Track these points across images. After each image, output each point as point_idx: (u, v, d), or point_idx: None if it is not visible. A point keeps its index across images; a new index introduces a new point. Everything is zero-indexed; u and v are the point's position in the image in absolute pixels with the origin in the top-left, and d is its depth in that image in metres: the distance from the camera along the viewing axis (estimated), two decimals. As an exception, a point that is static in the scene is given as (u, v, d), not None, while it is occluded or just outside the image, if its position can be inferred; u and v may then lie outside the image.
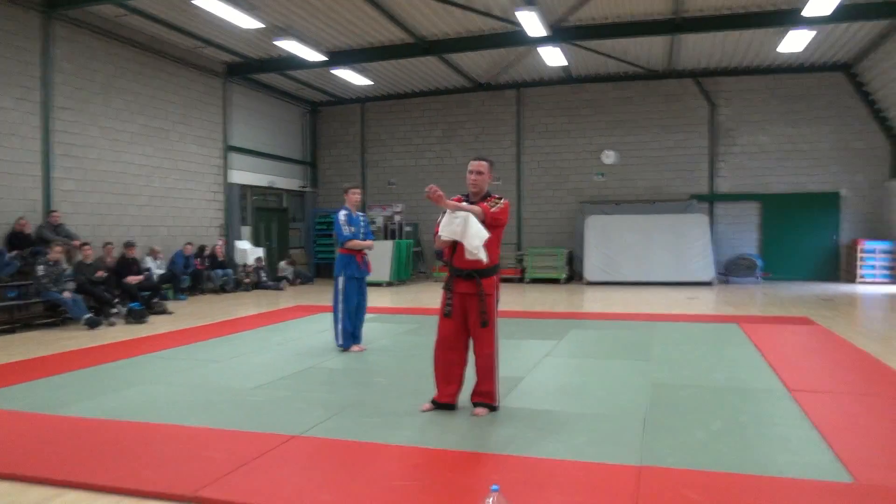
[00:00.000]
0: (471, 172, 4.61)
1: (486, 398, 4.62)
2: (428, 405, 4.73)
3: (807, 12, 11.17)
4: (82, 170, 12.10)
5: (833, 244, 16.39)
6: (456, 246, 4.53)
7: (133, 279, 10.89)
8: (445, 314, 4.62)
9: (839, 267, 16.35)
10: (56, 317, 9.61)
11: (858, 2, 11.65)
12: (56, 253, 9.65)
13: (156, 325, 9.41)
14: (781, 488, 3.27)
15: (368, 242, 7.22)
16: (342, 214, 7.07)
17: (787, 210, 16.51)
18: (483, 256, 4.29)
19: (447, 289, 4.65)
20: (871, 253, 15.31)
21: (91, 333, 8.75)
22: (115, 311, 10.04)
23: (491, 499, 2.74)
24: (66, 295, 9.37)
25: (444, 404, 4.68)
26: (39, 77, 11.26)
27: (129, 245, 11.39)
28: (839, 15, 11.67)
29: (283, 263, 16.89)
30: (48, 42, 11.37)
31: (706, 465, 3.59)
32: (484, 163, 4.62)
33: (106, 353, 7.12)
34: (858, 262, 15.37)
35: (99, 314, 9.58)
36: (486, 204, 4.51)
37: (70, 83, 11.85)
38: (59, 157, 11.65)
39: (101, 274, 10.23)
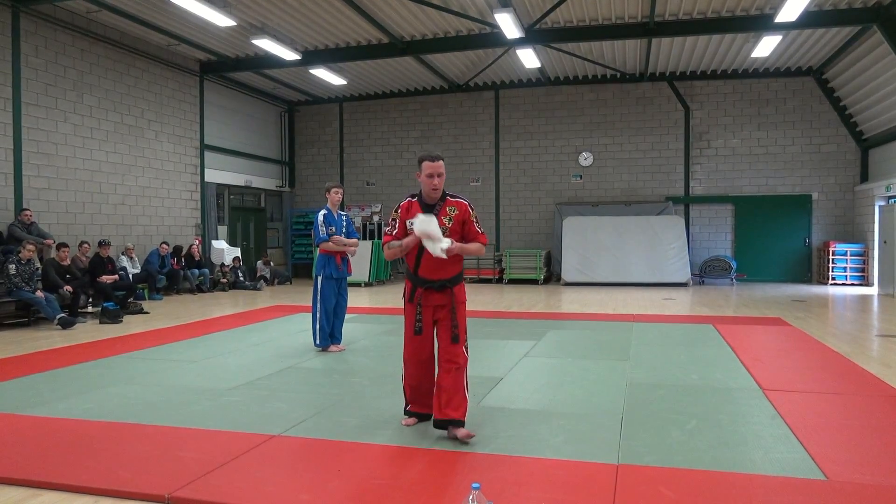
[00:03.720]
0: (431, 176, 4.03)
1: (461, 416, 4.05)
2: (412, 419, 4.37)
3: (779, 18, 11.40)
4: (54, 167, 11.92)
5: (805, 246, 16.68)
6: (421, 256, 4.10)
7: (107, 278, 10.75)
8: (416, 332, 4.14)
9: (811, 269, 16.65)
10: (28, 316, 9.45)
11: (825, 8, 11.89)
12: (28, 252, 9.48)
13: (131, 325, 9.29)
14: (756, 486, 3.31)
15: (354, 241, 7.16)
16: (321, 215, 7.02)
17: (759, 212, 16.80)
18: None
19: (414, 302, 4.17)
20: (842, 255, 15.61)
21: (64, 333, 8.61)
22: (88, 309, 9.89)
23: (471, 496, 2.75)
24: (39, 294, 9.21)
25: (424, 414, 4.33)
26: (9, 73, 11.07)
27: (103, 244, 11.23)
28: (808, 21, 11.92)
29: (259, 263, 16.77)
30: (17, 37, 11.17)
31: (682, 463, 3.62)
32: (442, 162, 4.10)
33: (80, 353, 7.02)
34: (829, 265, 15.66)
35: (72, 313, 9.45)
36: (480, 234, 4.21)
37: (40, 79, 11.66)
38: (30, 155, 11.46)
39: (67, 289, 9.91)
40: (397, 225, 4.19)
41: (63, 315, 9.14)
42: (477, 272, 17.42)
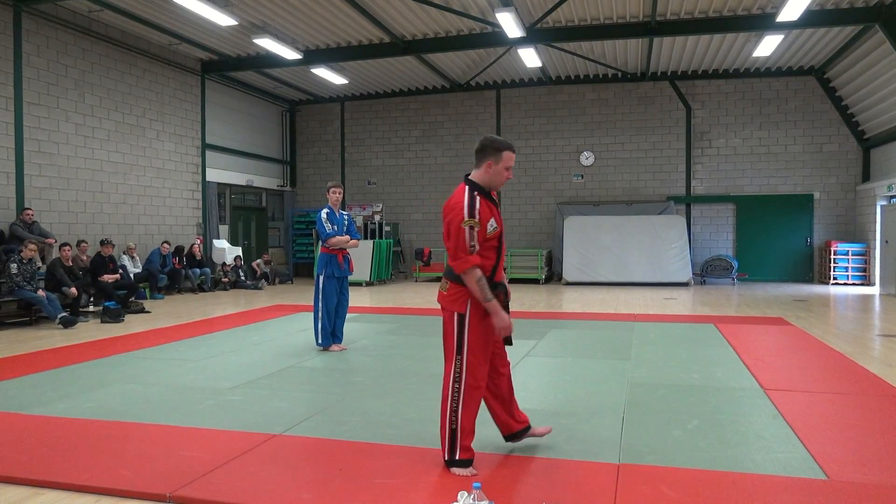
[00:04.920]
0: (509, 169, 3.54)
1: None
2: (473, 471, 3.46)
3: (781, 18, 11.39)
4: (55, 167, 11.92)
5: (806, 246, 16.66)
6: (500, 257, 3.57)
7: (109, 278, 10.75)
8: (510, 343, 3.63)
9: (812, 268, 16.63)
10: (30, 315, 9.45)
11: (827, 7, 11.87)
12: (30, 251, 9.48)
13: (132, 324, 9.29)
14: (757, 485, 3.30)
15: (354, 242, 7.18)
16: (324, 213, 7.03)
17: (761, 212, 16.78)
18: None
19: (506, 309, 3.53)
20: (844, 255, 15.58)
21: (66, 332, 8.61)
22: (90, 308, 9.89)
23: (472, 496, 2.74)
24: (41, 293, 9.21)
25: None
26: (10, 72, 11.07)
27: (104, 243, 11.21)
28: (809, 20, 11.90)
29: (259, 261, 16.64)
30: (19, 37, 11.18)
31: (683, 462, 3.62)
32: None
33: (81, 353, 7.02)
34: (831, 264, 15.63)
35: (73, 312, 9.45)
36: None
37: (42, 79, 11.67)
38: (32, 154, 11.46)
39: (73, 291, 9.88)
40: (476, 235, 3.39)
41: (65, 314, 9.15)
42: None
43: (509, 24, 11.85)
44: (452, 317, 3.47)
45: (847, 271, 15.58)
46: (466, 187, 3.48)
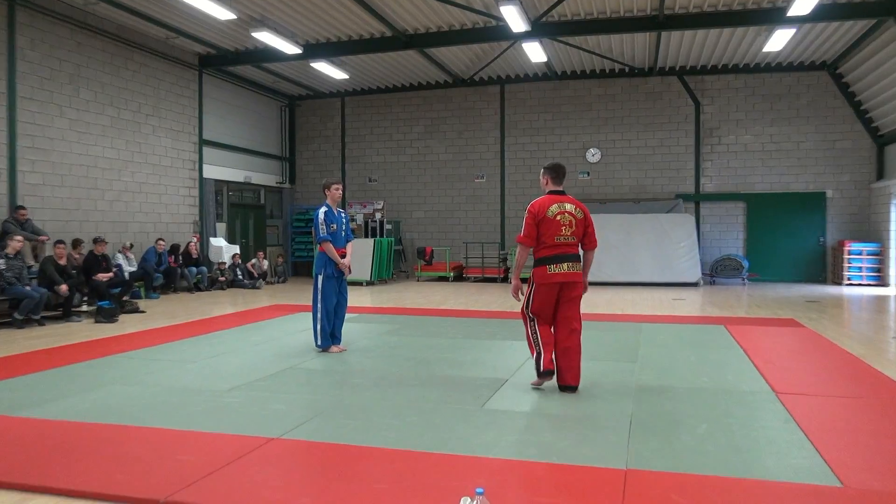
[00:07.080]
0: None
1: None
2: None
3: (792, 12, 11.25)
4: (49, 163, 11.78)
5: (819, 245, 16.45)
6: None
7: (103, 276, 10.60)
8: None
9: (825, 268, 16.41)
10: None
11: (840, 1, 11.73)
12: (16, 242, 9.30)
13: (127, 325, 9.18)
14: (769, 492, 3.23)
15: (346, 261, 7.02)
16: (321, 212, 6.89)
17: (772, 210, 16.57)
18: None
19: None
20: (858, 255, 15.32)
21: (59, 332, 8.49)
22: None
23: (475, 501, 2.63)
24: (29, 290, 9.05)
25: None
26: (4, 66, 10.93)
27: (98, 241, 11.05)
28: (821, 14, 11.77)
29: (254, 261, 16.38)
30: (12, 30, 11.05)
31: (692, 468, 3.54)
32: None
33: (75, 353, 6.93)
34: (844, 264, 15.39)
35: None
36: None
37: (36, 73, 11.52)
38: (25, 150, 11.32)
39: (63, 289, 9.72)
40: None
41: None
42: (481, 271, 17.28)
43: (514, 18, 11.71)
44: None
45: (861, 271, 15.32)
46: None
